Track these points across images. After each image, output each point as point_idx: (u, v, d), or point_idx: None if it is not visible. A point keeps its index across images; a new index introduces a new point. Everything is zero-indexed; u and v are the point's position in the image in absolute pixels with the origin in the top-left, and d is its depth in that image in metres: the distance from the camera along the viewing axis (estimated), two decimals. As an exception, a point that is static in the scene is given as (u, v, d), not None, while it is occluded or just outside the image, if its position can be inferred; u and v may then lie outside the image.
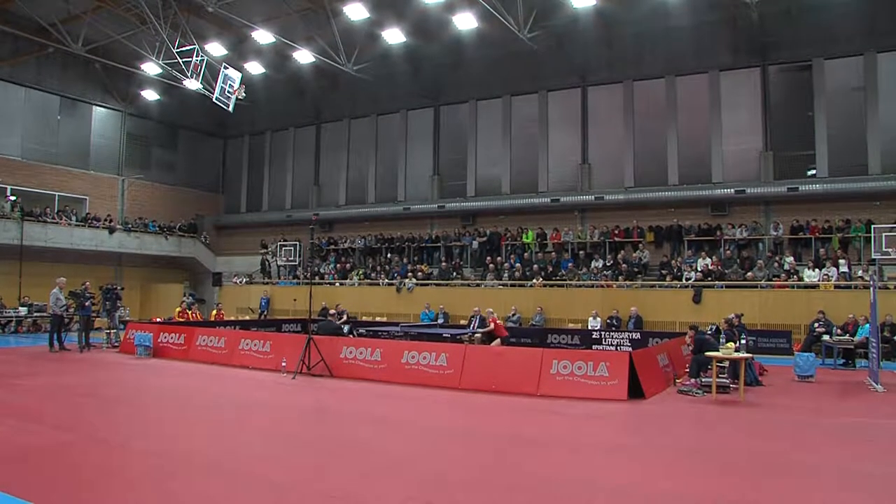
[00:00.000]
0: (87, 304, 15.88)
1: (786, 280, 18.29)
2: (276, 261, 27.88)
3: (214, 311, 21.02)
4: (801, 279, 18.21)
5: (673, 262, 20.47)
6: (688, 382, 11.07)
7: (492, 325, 15.29)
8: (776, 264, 18.99)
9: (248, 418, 8.43)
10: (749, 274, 18.85)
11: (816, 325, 16.00)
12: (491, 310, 15.96)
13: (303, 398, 10.18)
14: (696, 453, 6.78)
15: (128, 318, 19.98)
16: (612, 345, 17.19)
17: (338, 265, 26.52)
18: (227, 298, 26.60)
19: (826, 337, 15.11)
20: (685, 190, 22.02)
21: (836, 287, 17.42)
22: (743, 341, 11.40)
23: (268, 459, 6.24)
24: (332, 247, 28.13)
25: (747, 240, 20.50)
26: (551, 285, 21.03)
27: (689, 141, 22.53)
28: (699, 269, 19.54)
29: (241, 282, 27.92)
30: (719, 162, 21.93)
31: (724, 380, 10.93)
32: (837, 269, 17.93)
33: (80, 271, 23.87)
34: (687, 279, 19.35)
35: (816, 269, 18.23)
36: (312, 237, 16.02)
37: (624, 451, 6.92)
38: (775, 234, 20.27)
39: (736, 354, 10.53)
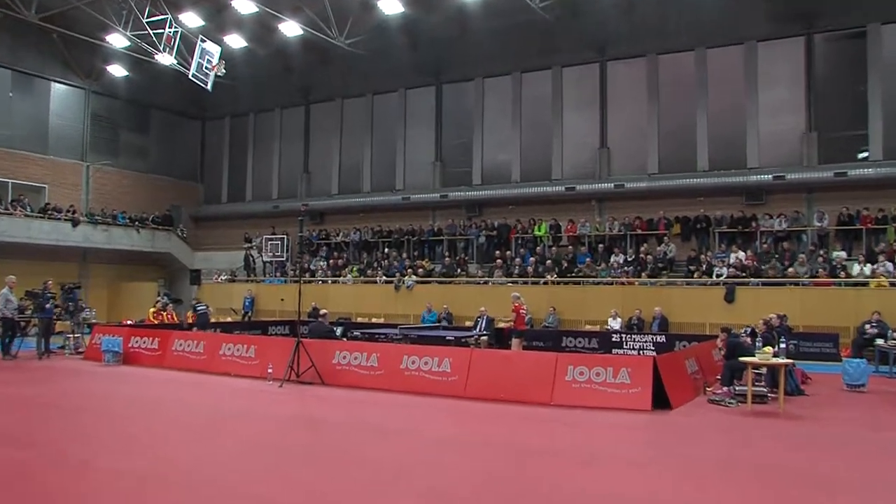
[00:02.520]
0: (47, 305, 15.89)
1: (832, 276, 18.20)
2: (262, 256, 27.93)
3: (191, 312, 21.06)
4: (849, 275, 18.12)
5: (702, 256, 20.42)
6: (719, 391, 11.05)
7: (513, 316, 15.19)
8: (821, 259, 18.90)
9: (230, 431, 8.44)
10: (789, 270, 18.79)
11: (868, 326, 15.77)
12: (518, 294, 15.86)
13: (291, 408, 10.18)
14: (730, 468, 6.77)
15: (94, 321, 20.01)
16: (633, 349, 17.18)
17: (330, 261, 26.55)
18: (207, 298, 26.53)
19: (880, 341, 14.92)
20: (716, 176, 21.96)
21: (893, 284, 17.31)
22: (783, 345, 11.31)
23: (252, 476, 6.25)
24: (324, 241, 28.17)
25: (787, 232, 20.42)
26: (566, 283, 21.01)
27: (721, 121, 22.44)
28: (732, 264, 19.49)
29: (222, 280, 27.97)
30: (755, 144, 21.84)
31: (761, 388, 10.89)
32: (894, 263, 17.84)
33: (39, 269, 23.71)
34: (718, 276, 19.31)
35: (868, 265, 18.13)
36: (302, 230, 16.04)
37: (647, 463, 6.91)
38: (820, 225, 20.18)
39: (774, 360, 10.48)
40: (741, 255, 19.77)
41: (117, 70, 28.80)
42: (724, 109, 22.42)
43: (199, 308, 18.38)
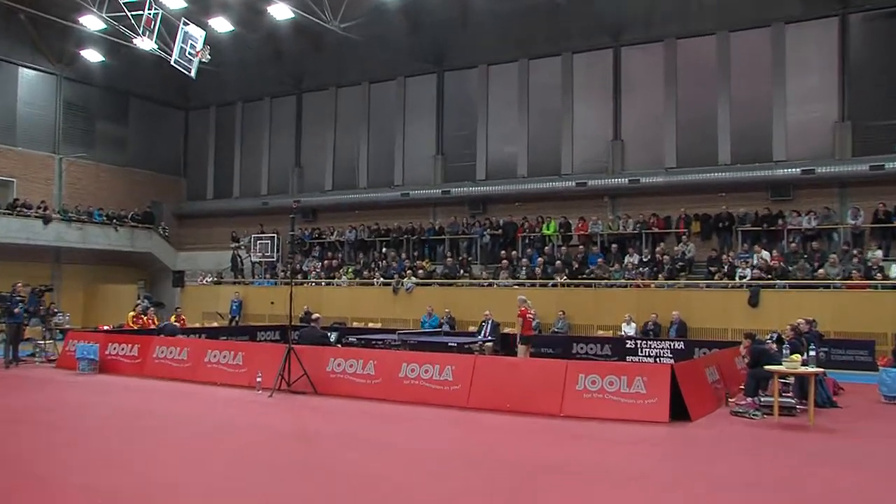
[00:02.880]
0: (16, 310, 15.91)
1: (867, 278, 18.14)
2: (250, 257, 27.96)
3: (174, 317, 21.08)
4: (887, 277, 18.07)
5: (724, 256, 20.40)
6: (743, 402, 11.04)
7: (520, 322, 15.24)
8: (855, 259, 18.86)
9: (216, 444, 8.45)
10: (820, 271, 18.73)
11: (908, 332, 15.80)
12: (524, 297, 15.90)
13: (282, 419, 10.19)
14: (757, 485, 6.76)
15: (68, 326, 20.04)
16: (650, 356, 17.24)
17: (323, 262, 26.58)
18: (191, 302, 26.70)
19: (923, 348, 14.88)
20: (739, 170, 21.94)
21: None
22: (812, 353, 11.29)
23: (240, 493, 6.25)
24: (317, 240, 28.20)
25: (817, 230, 20.38)
26: (577, 285, 21.02)
27: (745, 111, 22.41)
28: (756, 265, 19.47)
29: (207, 282, 28.01)
30: (782, 136, 21.81)
31: (789, 399, 10.88)
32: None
33: (7, 270, 23.77)
34: (741, 277, 19.30)
35: (907, 265, 18.10)
36: (293, 228, 16.03)
37: (668, 483, 6.90)
38: (854, 222, 20.10)
39: (803, 369, 10.44)
40: (766, 255, 19.74)
41: (92, 55, 28.74)
42: (749, 98, 22.39)
43: (165, 326, 18.17)
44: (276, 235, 27.42)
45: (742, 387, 11.58)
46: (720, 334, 18.24)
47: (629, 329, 18.94)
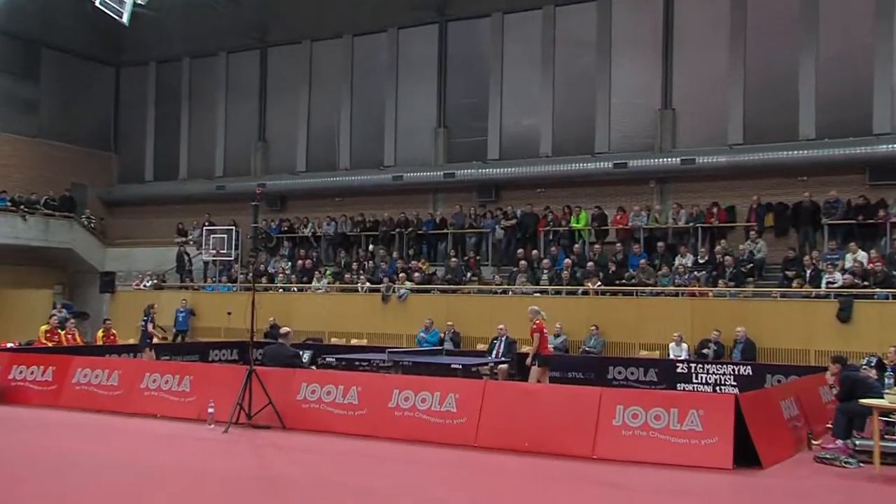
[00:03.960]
0: None
1: None
2: (201, 255, 27.85)
3: (102, 332, 21.02)
4: None
5: (805, 258, 20.28)
6: (831, 445, 10.95)
7: (537, 338, 15.19)
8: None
9: (153, 494, 8.38)
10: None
11: None
12: (537, 308, 15.83)
13: (240, 462, 10.16)
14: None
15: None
16: (707, 383, 17.16)
17: (295, 262, 26.50)
18: (124, 312, 26.49)
19: None
20: (827, 147, 21.78)
21: None
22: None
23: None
24: (287, 234, 28.13)
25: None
26: (614, 293, 20.90)
27: (837, 71, 22.20)
28: (848, 268, 19.38)
29: (145, 286, 27.91)
30: (886, 102, 21.56)
31: (894, 444, 10.73)
32: None
33: None
34: (828, 284, 19.20)
35: None
36: (256, 220, 15.91)
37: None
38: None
39: (912, 402, 10.39)
40: (862, 256, 19.60)
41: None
42: (842, 54, 22.22)
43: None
44: (234, 228, 27.31)
45: (830, 425, 11.48)
46: (800, 357, 18.10)
47: (680, 349, 18.81)
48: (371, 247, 26.11)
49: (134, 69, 33.67)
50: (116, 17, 20.87)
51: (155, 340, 20.58)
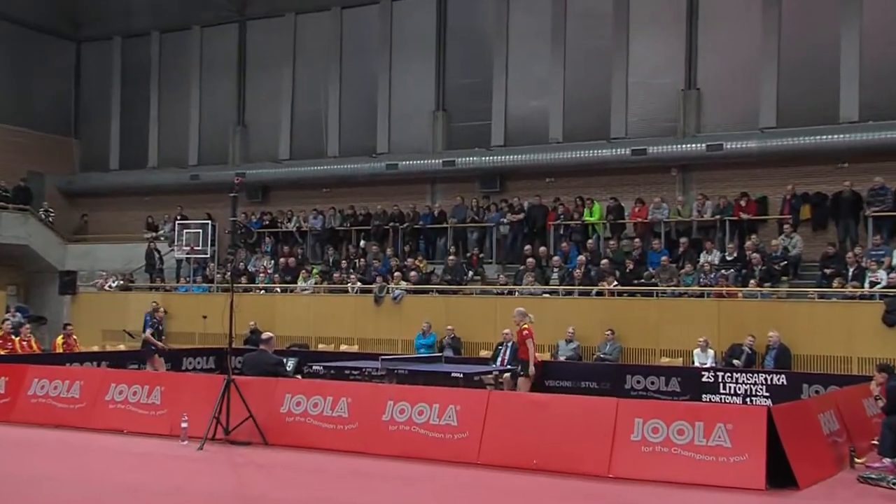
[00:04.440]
0: None
1: None
2: (174, 252, 27.88)
3: (61, 338, 21.04)
4: None
5: (848, 255, 20.23)
6: (877, 464, 10.97)
7: (531, 345, 15.38)
8: None
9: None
10: None
11: None
12: (524, 310, 15.91)
13: (217, 483, 10.13)
14: None
15: None
16: (736, 394, 17.13)
17: (278, 259, 26.54)
18: (87, 316, 26.60)
19: None
20: (871, 130, 21.71)
21: None
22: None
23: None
24: (269, 229, 28.15)
25: None
26: (632, 294, 20.94)
27: (883, 41, 22.12)
28: (895, 266, 19.43)
29: (111, 287, 27.95)
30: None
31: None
32: None
33: None
34: (872, 284, 19.18)
35: None
36: (235, 213, 15.97)
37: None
38: None
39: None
40: (910, 252, 19.70)
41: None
42: (888, 25, 22.12)
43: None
44: (210, 222, 27.36)
45: (875, 441, 11.47)
46: (840, 365, 18.08)
47: (706, 356, 18.78)
48: (362, 243, 26.18)
49: (97, 44, 33.67)
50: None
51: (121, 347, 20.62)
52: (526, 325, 15.75)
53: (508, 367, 17.47)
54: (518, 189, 25.77)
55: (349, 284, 24.07)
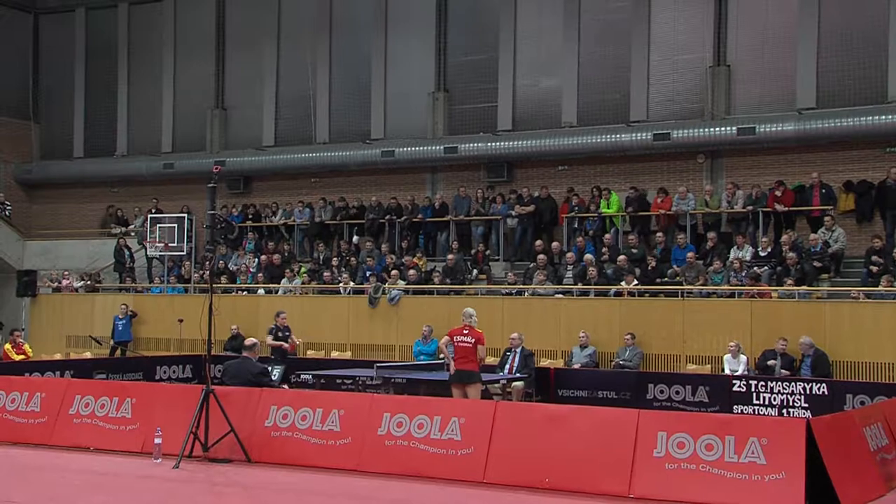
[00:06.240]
0: None
1: None
2: (145, 249, 27.90)
3: (9, 344, 21.00)
4: None
5: (896, 250, 20.32)
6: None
7: (482, 350, 15.12)
8: None
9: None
10: None
11: None
12: (472, 311, 15.61)
13: (191, 504, 10.10)
14: None
15: None
16: (771, 405, 17.15)
17: (261, 257, 26.54)
18: (48, 320, 26.65)
19: None
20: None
21: None
22: None
23: None
24: (252, 223, 28.18)
25: None
26: (654, 294, 20.97)
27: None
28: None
29: (75, 288, 27.91)
30: None
31: None
32: None
33: None
34: (924, 283, 19.21)
35: None
36: (214, 206, 15.97)
37: None
38: None
39: None
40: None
41: None
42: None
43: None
44: (186, 216, 27.37)
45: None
46: (889, 373, 18.09)
47: (737, 363, 18.74)
48: (355, 238, 26.27)
49: (57, 16, 33.76)
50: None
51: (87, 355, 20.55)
52: (477, 330, 15.43)
53: (518, 375, 17.49)
54: (527, 178, 25.82)
55: (341, 285, 24.09)
